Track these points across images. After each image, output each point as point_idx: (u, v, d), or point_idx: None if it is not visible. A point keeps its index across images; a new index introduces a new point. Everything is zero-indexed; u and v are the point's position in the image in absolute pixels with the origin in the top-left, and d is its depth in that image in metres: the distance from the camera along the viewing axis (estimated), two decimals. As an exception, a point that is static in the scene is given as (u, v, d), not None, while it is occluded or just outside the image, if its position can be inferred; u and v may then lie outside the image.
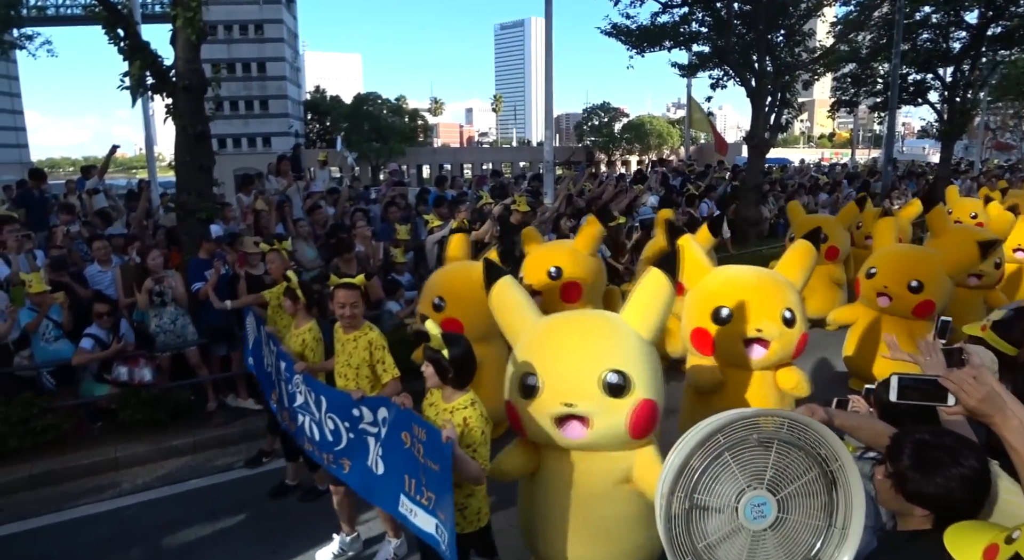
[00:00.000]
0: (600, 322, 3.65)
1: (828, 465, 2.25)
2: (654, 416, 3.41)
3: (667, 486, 2.22)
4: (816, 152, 72.49)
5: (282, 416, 4.82)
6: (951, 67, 20.77)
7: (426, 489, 3.18)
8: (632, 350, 3.46)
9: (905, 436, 2.03)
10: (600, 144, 53.74)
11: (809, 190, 15.81)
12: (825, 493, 2.25)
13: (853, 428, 2.48)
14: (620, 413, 3.33)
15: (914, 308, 6.38)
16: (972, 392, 1.93)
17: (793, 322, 4.65)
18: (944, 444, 1.92)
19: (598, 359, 3.39)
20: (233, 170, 27.73)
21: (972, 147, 38.16)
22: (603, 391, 3.31)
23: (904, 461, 1.94)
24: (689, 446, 2.21)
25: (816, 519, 2.24)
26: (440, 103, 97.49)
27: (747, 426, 2.20)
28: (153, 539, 4.85)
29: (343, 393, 4.03)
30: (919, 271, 6.42)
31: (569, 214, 9.94)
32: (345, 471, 3.99)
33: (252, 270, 6.78)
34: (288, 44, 70.32)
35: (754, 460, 2.19)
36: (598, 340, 3.50)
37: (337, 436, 4.04)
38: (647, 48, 15.44)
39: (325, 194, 11.11)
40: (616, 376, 3.32)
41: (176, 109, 7.39)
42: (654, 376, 3.47)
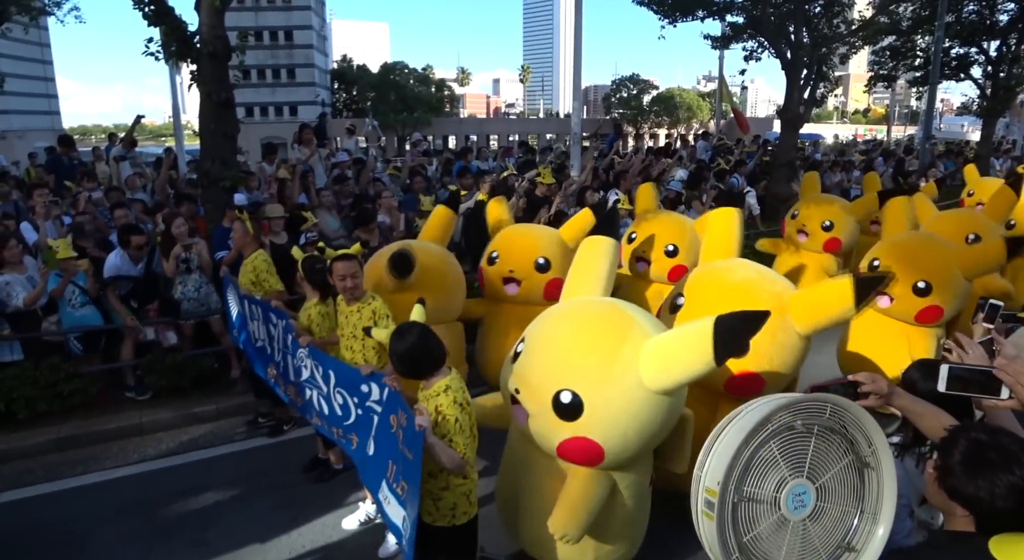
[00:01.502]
0: (610, 337, 3.16)
1: (863, 449, 2.17)
2: (590, 454, 3.08)
3: (717, 480, 2.04)
4: (850, 128, 70.80)
5: (287, 391, 4.79)
6: (997, 41, 20.02)
7: (402, 478, 3.11)
8: (614, 390, 3.03)
9: (963, 430, 1.90)
10: (628, 116, 52.96)
11: (843, 167, 15.39)
12: (857, 478, 2.17)
13: (916, 414, 2.31)
14: (555, 433, 3.12)
15: (918, 314, 5.36)
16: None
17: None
18: (1001, 445, 1.78)
19: (565, 372, 3.11)
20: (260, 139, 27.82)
21: (1014, 125, 36.91)
22: (551, 403, 3.08)
23: (955, 456, 1.83)
24: (739, 437, 2.06)
25: (851, 505, 2.17)
26: (467, 73, 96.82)
27: (793, 412, 2.09)
28: (175, 504, 4.90)
29: (352, 368, 3.98)
30: (928, 269, 5.35)
31: (596, 187, 9.79)
32: (353, 447, 3.95)
33: (276, 239, 6.76)
34: (315, 12, 70.11)
35: (794, 447, 2.10)
36: (579, 355, 3.13)
37: (346, 411, 4.00)
38: (679, 18, 15.00)
39: (351, 164, 11.07)
40: (570, 397, 3.03)
41: (200, 76, 7.34)
42: (623, 425, 3.03)
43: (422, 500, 3.20)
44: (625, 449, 3.13)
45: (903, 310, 5.41)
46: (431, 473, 3.20)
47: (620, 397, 3.03)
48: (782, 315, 3.86)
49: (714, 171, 11.74)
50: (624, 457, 3.19)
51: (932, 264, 5.39)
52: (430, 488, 3.25)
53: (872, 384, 2.29)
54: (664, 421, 3.17)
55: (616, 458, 3.15)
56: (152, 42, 7.60)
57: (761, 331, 3.37)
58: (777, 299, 3.94)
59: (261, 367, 5.21)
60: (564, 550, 3.40)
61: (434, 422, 3.09)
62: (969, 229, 6.47)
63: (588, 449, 3.08)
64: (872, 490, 2.17)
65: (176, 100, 11.59)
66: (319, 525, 4.64)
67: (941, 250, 5.52)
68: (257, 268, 5.51)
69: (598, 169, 11.33)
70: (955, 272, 5.36)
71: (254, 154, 13.43)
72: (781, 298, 3.97)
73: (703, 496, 2.09)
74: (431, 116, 48.14)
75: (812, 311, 3.83)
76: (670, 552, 4.20)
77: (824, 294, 3.82)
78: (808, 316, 3.84)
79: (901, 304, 5.39)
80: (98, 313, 6.29)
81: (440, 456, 2.99)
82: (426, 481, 3.22)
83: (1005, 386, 1.88)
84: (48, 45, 68.46)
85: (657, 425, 3.14)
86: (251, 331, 5.30)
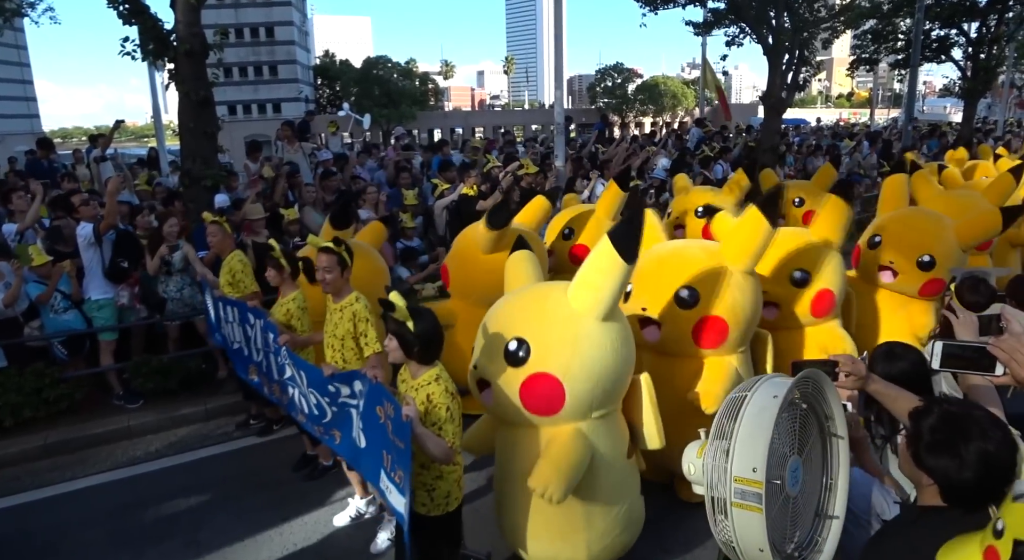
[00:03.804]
0: (541, 291, 3.57)
1: (830, 421, 2.21)
2: (550, 392, 3.23)
3: (752, 466, 1.94)
4: (834, 112, 70.99)
5: (271, 390, 4.77)
6: (976, 22, 20.12)
7: (397, 466, 3.13)
8: (551, 321, 3.31)
9: (936, 403, 1.93)
10: (613, 106, 52.81)
11: (827, 151, 15.45)
12: (824, 448, 2.20)
13: (890, 398, 2.33)
14: (514, 383, 3.26)
15: (922, 287, 5.55)
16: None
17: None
18: (972, 417, 1.81)
19: (508, 326, 3.35)
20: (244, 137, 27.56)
21: (995, 106, 37.13)
22: (503, 358, 3.27)
23: (926, 425, 1.85)
24: (771, 422, 1.97)
25: (820, 474, 2.20)
26: (451, 66, 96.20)
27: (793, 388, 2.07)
28: (166, 506, 4.88)
29: (317, 369, 3.97)
30: (932, 244, 5.51)
31: (582, 175, 9.78)
32: (337, 442, 3.96)
33: (258, 238, 6.71)
34: (296, 8, 69.45)
35: (787, 424, 2.09)
36: (518, 310, 3.47)
37: (321, 410, 4.01)
38: (661, 5, 15.00)
39: (335, 161, 10.98)
40: (516, 343, 3.25)
41: (178, 74, 7.28)
42: (568, 351, 3.24)
43: (416, 492, 3.23)
44: (582, 380, 3.25)
45: (907, 284, 5.61)
46: (424, 464, 3.22)
47: (560, 328, 3.29)
48: (719, 263, 4.28)
49: (699, 158, 11.75)
50: (584, 392, 3.27)
51: (935, 238, 5.56)
52: (424, 479, 3.27)
53: (851, 365, 2.31)
54: (612, 354, 3.31)
55: (576, 392, 3.24)
56: (128, 41, 7.51)
57: (707, 281, 4.05)
58: (707, 251, 4.40)
59: (242, 369, 5.18)
60: (554, 537, 3.43)
61: (424, 411, 3.10)
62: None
63: (547, 384, 3.22)
64: (834, 458, 2.20)
65: (156, 100, 11.49)
66: (310, 522, 4.63)
67: (942, 224, 5.66)
68: (233, 269, 5.50)
69: (582, 159, 11.31)
70: (956, 245, 5.56)
71: (238, 152, 13.33)
72: (710, 250, 4.42)
73: (735, 486, 1.96)
74: (416, 110, 47.77)
75: (743, 248, 4.27)
76: (665, 545, 4.22)
77: (741, 228, 4.32)
78: (740, 253, 4.27)
79: (906, 279, 5.60)
80: (81, 317, 6.22)
81: (428, 445, 3.01)
82: (420, 473, 3.23)
83: (999, 362, 1.88)
84: (25, 47, 67.42)
85: (606, 357, 3.29)
86: (228, 334, 5.28)
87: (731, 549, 2.00)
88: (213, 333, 5.76)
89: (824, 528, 2.16)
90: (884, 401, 2.34)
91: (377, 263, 5.88)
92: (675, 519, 4.32)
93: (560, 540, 3.46)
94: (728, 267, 4.27)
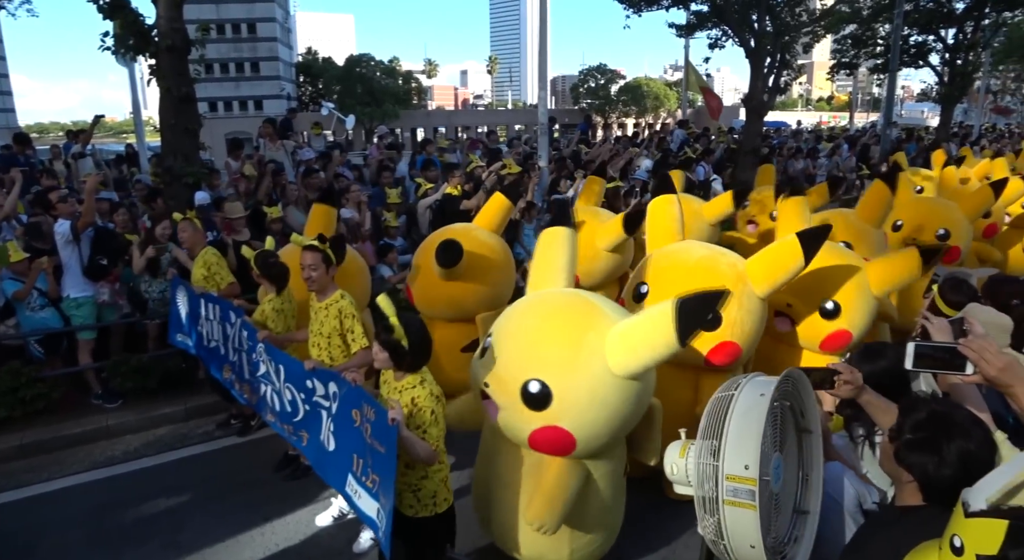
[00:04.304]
0: (575, 325, 3.21)
1: (805, 417, 2.24)
2: (562, 444, 3.12)
3: (744, 464, 1.97)
4: (814, 115, 71.78)
5: (242, 389, 4.73)
6: (953, 28, 20.48)
7: (372, 471, 3.10)
8: (580, 376, 3.06)
9: (923, 401, 1.99)
10: (596, 107, 53.07)
11: (808, 154, 15.63)
12: (800, 444, 2.23)
13: (881, 409, 2.36)
14: (526, 424, 3.15)
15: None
16: (993, 361, 1.88)
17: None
18: (955, 418, 1.87)
19: (532, 360, 3.15)
20: (225, 134, 27.32)
21: (972, 111, 37.77)
22: (520, 394, 3.11)
23: (911, 423, 1.90)
24: (762, 420, 2.00)
25: (796, 469, 2.22)
26: (434, 65, 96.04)
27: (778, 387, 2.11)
28: (145, 507, 4.83)
29: (298, 362, 3.94)
30: (946, 221, 6.50)
31: (565, 175, 9.82)
32: (303, 443, 3.92)
33: (238, 237, 6.66)
34: (279, 4, 69.00)
35: (769, 422, 2.11)
36: (547, 346, 3.17)
37: (295, 407, 3.98)
38: (644, 7, 15.11)
39: (317, 159, 10.92)
40: (538, 386, 3.05)
41: (159, 70, 7.20)
42: (591, 410, 3.07)
43: (402, 494, 3.22)
44: (596, 436, 3.15)
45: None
46: (408, 465, 3.21)
47: (588, 384, 3.05)
48: (744, 284, 4.13)
49: (681, 160, 11.83)
50: (595, 445, 3.21)
51: (948, 217, 6.57)
52: (409, 480, 3.25)
53: (851, 375, 2.36)
54: (633, 408, 3.20)
55: (587, 446, 3.18)
56: (108, 36, 7.42)
57: (732, 305, 3.74)
58: (734, 269, 4.22)
59: (216, 369, 5.13)
60: (540, 542, 3.43)
61: (409, 414, 3.09)
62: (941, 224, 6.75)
63: (559, 438, 3.10)
64: (809, 453, 2.24)
65: (136, 96, 11.32)
66: (292, 522, 4.60)
67: (947, 203, 6.83)
68: (208, 262, 5.50)
69: (565, 159, 11.35)
70: (966, 222, 6.60)
71: (220, 149, 13.21)
72: (737, 268, 4.24)
73: (727, 485, 1.97)
74: (399, 109, 47.64)
75: (769, 273, 4.12)
76: (647, 542, 4.25)
77: (775, 255, 4.13)
78: (766, 279, 4.13)
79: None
80: (58, 315, 6.14)
81: (414, 448, 3.00)
82: (404, 474, 3.22)
83: (969, 362, 1.94)
84: (0, 40, 66.36)
85: (626, 411, 3.16)
86: (204, 332, 5.23)
87: (720, 547, 2.02)
88: (174, 333, 5.68)
89: (801, 522, 2.19)
90: (872, 411, 2.39)
91: (358, 261, 5.87)
92: (658, 517, 4.36)
93: (544, 544, 3.47)
94: (751, 290, 4.16)
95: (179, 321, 5.62)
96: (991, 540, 1.31)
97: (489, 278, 5.19)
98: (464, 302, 5.10)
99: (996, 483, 1.50)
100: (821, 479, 2.24)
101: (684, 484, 2.14)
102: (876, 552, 1.90)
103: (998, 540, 1.30)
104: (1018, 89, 41.18)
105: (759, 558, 1.95)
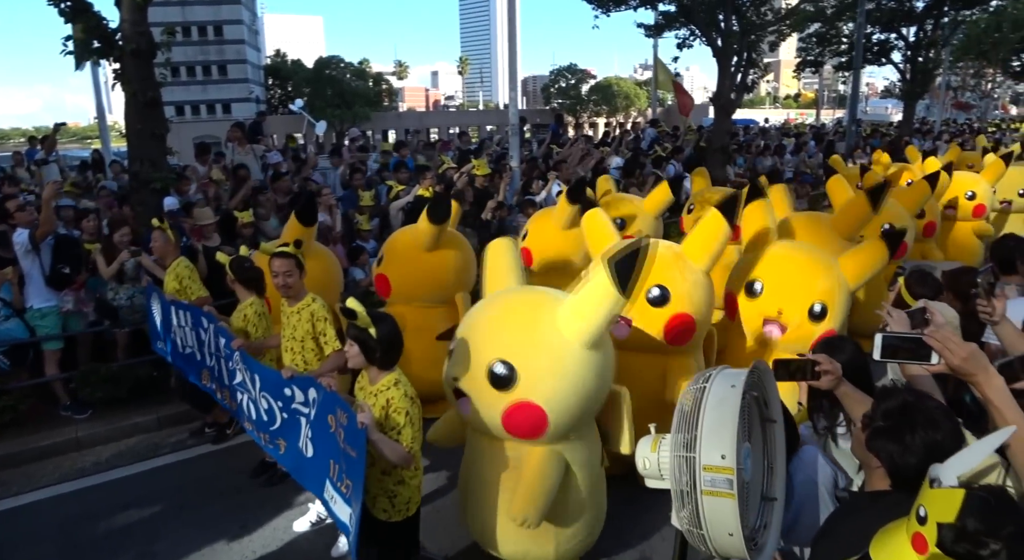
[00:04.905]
0: (529, 308, 3.44)
1: (768, 407, 2.29)
2: (534, 420, 3.22)
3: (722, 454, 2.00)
4: (782, 113, 72.82)
5: (222, 395, 4.70)
6: (914, 27, 20.95)
7: (346, 476, 3.11)
8: (540, 349, 3.25)
9: (897, 390, 2.05)
10: (567, 106, 53.27)
11: (775, 150, 15.87)
12: (764, 433, 2.28)
13: (856, 400, 2.41)
14: (496, 406, 3.25)
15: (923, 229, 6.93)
16: (957, 350, 1.94)
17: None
18: (926, 407, 1.93)
19: (493, 345, 3.30)
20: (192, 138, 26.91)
21: (934, 106, 38.58)
22: (487, 378, 3.23)
23: (884, 410, 1.96)
24: (736, 409, 2.04)
25: (762, 458, 2.27)
26: (405, 66, 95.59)
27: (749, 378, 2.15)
28: (119, 518, 4.76)
29: (275, 371, 3.93)
30: (890, 216, 6.62)
31: (537, 176, 9.86)
32: (281, 452, 3.90)
33: (208, 243, 6.59)
34: (246, 6, 68.20)
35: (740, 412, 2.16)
36: (506, 329, 3.37)
37: (272, 416, 3.95)
38: (612, 7, 15.23)
39: (291, 162, 10.84)
40: (503, 367, 3.19)
41: (124, 74, 7.08)
42: (555, 381, 3.22)
43: (377, 498, 3.23)
44: (565, 409, 3.25)
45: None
46: (385, 471, 3.22)
47: (548, 356, 3.23)
48: (684, 260, 4.49)
49: (652, 158, 11.94)
50: (566, 420, 3.29)
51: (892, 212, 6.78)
52: (386, 485, 3.26)
53: (830, 365, 2.41)
54: (596, 379, 3.32)
55: (558, 420, 3.25)
56: (71, 40, 7.28)
57: (675, 279, 4.18)
58: (671, 249, 4.59)
59: (195, 376, 5.08)
60: (525, 539, 3.47)
61: (383, 415, 3.10)
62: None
63: (531, 413, 3.19)
64: (772, 442, 2.29)
65: (100, 100, 11.16)
66: (270, 529, 4.57)
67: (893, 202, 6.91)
68: (180, 275, 5.41)
69: (537, 159, 11.40)
70: (909, 217, 6.97)
71: (188, 154, 13.01)
72: (673, 247, 4.63)
73: (704, 475, 2.00)
74: (369, 110, 47.37)
75: (702, 247, 4.48)
76: (625, 538, 4.30)
77: (702, 230, 4.51)
78: (702, 252, 4.49)
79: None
80: (23, 326, 6.01)
81: (385, 451, 3.00)
82: (380, 479, 3.23)
83: (934, 352, 2.00)
84: (-43, 45, 64.81)
85: (590, 382, 3.29)
86: (178, 339, 5.18)
87: (698, 537, 2.05)
88: (155, 341, 5.63)
89: (768, 509, 2.24)
90: (847, 402, 2.44)
91: (331, 264, 5.85)
92: (633, 512, 4.40)
93: (530, 541, 3.51)
94: (692, 265, 4.45)
95: (156, 329, 5.56)
96: (949, 509, 1.36)
97: (461, 253, 5.87)
98: (445, 275, 5.74)
99: (968, 462, 1.56)
100: (784, 467, 2.29)
101: (656, 478, 2.18)
102: (846, 535, 1.96)
103: (955, 508, 1.35)
104: (977, 85, 42.17)
105: (737, 545, 1.99)
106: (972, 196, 8.65)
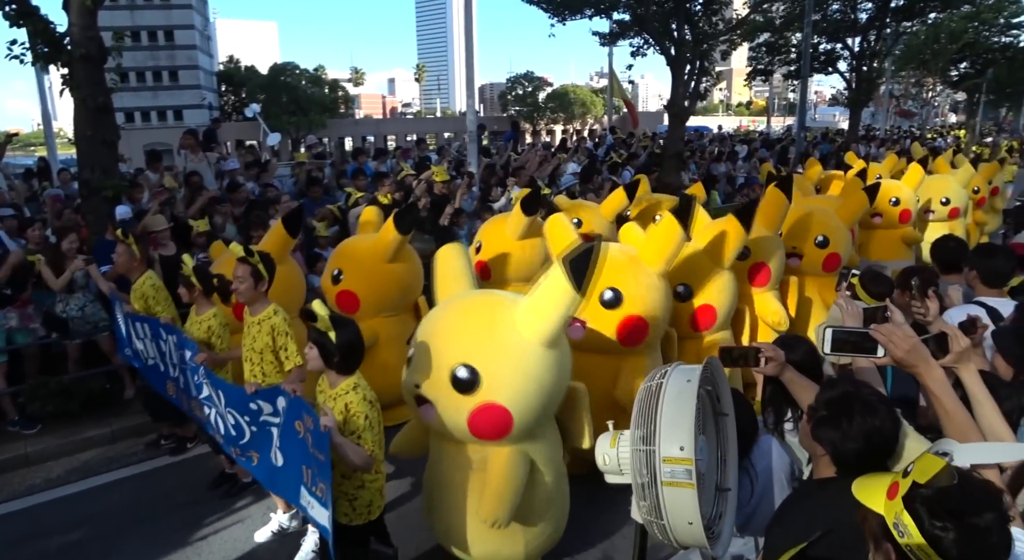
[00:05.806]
0: (486, 311, 3.46)
1: (720, 401, 2.37)
2: (499, 421, 3.25)
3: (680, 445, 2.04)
4: (734, 120, 74.49)
5: (191, 406, 4.61)
6: (859, 37, 21.72)
7: (319, 480, 3.12)
8: (501, 350, 3.28)
9: (838, 382, 2.17)
10: (525, 114, 53.64)
11: (728, 157, 16.24)
12: (716, 426, 2.36)
13: (801, 387, 2.53)
14: (461, 410, 3.27)
15: (823, 263, 6.40)
16: (900, 344, 2.05)
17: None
18: (864, 396, 2.03)
19: (454, 350, 3.30)
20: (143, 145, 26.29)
21: (878, 114, 39.96)
22: (450, 383, 3.24)
23: (826, 400, 2.06)
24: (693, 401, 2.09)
25: (715, 450, 2.35)
26: (361, 73, 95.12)
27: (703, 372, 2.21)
28: (72, 535, 4.64)
29: (238, 388, 3.88)
30: (824, 227, 6.47)
31: (495, 182, 9.92)
32: (254, 464, 3.86)
33: (164, 251, 6.48)
34: (197, 11, 66.93)
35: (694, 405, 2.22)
36: (465, 333, 3.37)
37: (240, 430, 3.91)
38: (568, 16, 15.43)
39: (244, 170, 10.69)
40: (465, 371, 3.21)
41: (73, 80, 6.91)
42: (518, 381, 3.26)
43: (337, 502, 3.23)
44: (529, 408, 3.30)
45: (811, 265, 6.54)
46: (344, 474, 3.23)
47: (510, 356, 3.27)
48: (637, 264, 4.60)
49: (608, 165, 12.12)
50: (530, 418, 3.35)
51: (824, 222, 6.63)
52: (345, 489, 3.27)
53: (773, 353, 2.54)
54: (556, 377, 3.38)
55: (523, 419, 3.30)
56: (17, 44, 7.08)
57: (628, 282, 4.34)
58: (625, 253, 4.70)
59: (160, 385, 4.99)
60: (493, 539, 3.51)
61: (343, 420, 3.11)
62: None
63: (496, 414, 3.23)
64: (725, 435, 2.38)
65: (46, 106, 10.86)
66: (230, 540, 4.51)
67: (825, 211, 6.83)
68: (146, 295, 5.12)
69: (495, 166, 11.47)
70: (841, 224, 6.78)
71: (139, 161, 12.73)
72: (627, 251, 4.73)
73: (664, 467, 2.04)
74: (325, 118, 46.92)
75: (657, 251, 4.58)
76: (587, 536, 4.36)
77: (657, 234, 4.63)
78: (656, 256, 4.58)
79: (808, 260, 6.50)
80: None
81: (348, 454, 3.02)
82: (340, 483, 3.23)
83: (880, 346, 2.11)
84: None
85: (551, 380, 3.35)
86: (140, 350, 5.08)
87: (659, 528, 2.10)
88: (123, 349, 5.50)
89: (722, 499, 2.33)
90: (793, 388, 2.56)
91: (295, 274, 5.80)
92: (595, 511, 4.48)
93: (499, 541, 3.54)
94: (646, 268, 4.56)
95: (122, 335, 5.43)
96: (928, 472, 1.44)
97: (413, 259, 5.96)
98: (409, 281, 5.90)
99: (985, 456, 1.64)
100: (736, 459, 2.38)
101: (616, 473, 2.24)
102: (795, 522, 2.05)
103: (932, 473, 1.43)
104: (918, 93, 43.81)
105: (696, 533, 2.05)
106: (896, 202, 8.59)
